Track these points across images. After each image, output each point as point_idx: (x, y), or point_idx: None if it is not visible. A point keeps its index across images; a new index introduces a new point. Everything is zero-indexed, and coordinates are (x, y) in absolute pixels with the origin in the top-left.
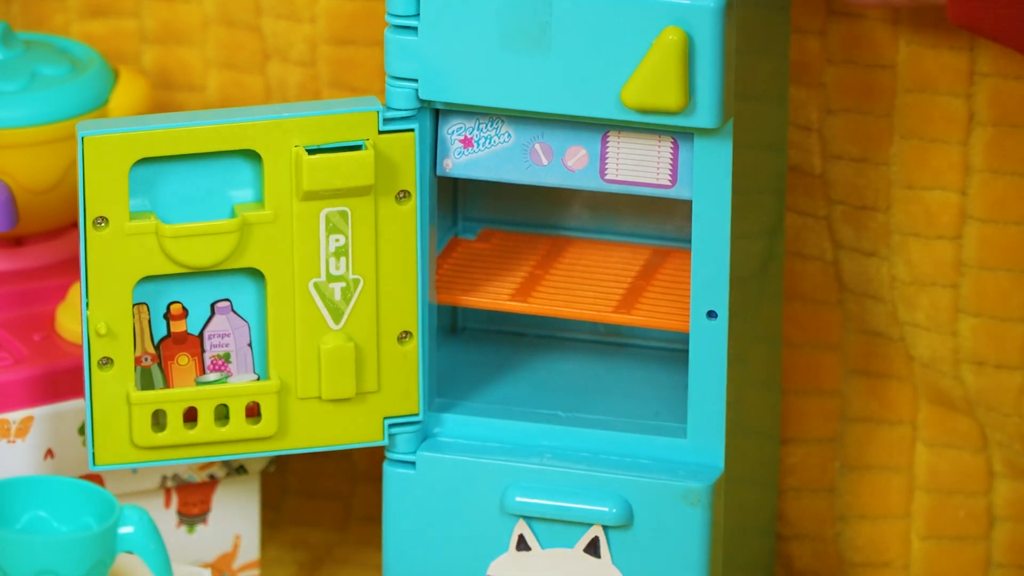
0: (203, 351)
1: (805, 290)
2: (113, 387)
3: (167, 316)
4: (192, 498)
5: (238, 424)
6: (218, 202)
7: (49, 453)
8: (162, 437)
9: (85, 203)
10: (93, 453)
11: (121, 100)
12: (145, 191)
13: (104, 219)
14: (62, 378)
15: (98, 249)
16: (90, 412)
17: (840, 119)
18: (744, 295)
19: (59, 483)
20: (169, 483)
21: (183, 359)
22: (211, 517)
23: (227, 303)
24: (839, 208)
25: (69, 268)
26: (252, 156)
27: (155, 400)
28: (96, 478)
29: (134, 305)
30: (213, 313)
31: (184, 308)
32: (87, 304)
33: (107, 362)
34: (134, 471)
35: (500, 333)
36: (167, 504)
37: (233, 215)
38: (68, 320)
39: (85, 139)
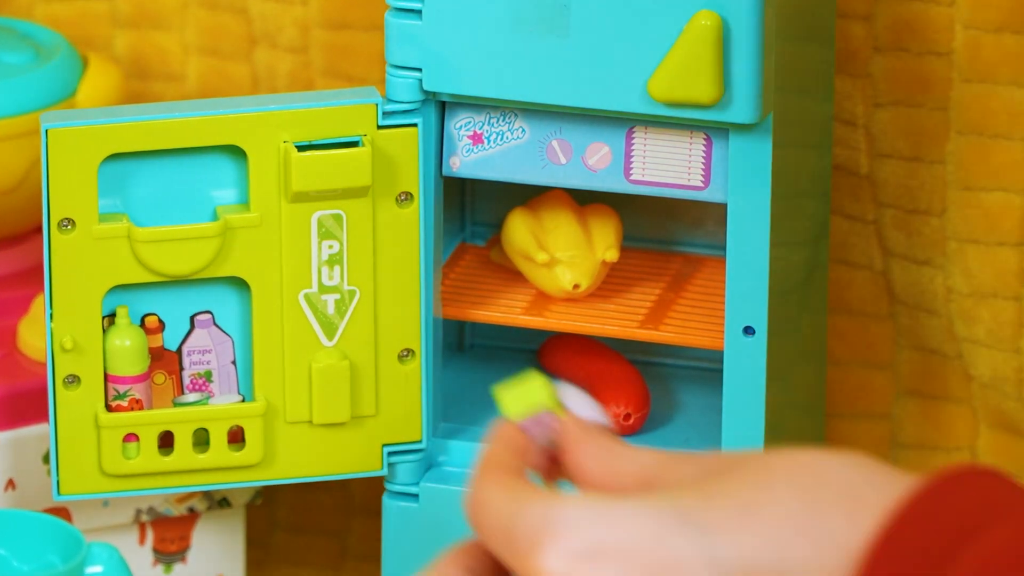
0: (181, 369)
1: (852, 303)
2: (80, 408)
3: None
4: (169, 534)
5: (220, 450)
6: (198, 203)
7: (10, 484)
8: (135, 464)
9: (49, 204)
10: (58, 482)
11: (90, 90)
12: (116, 190)
13: (70, 221)
14: (24, 400)
15: (64, 255)
16: (55, 436)
17: (889, 113)
18: (785, 309)
19: (20, 517)
20: (144, 517)
21: (159, 378)
22: (191, 555)
23: (208, 316)
24: (889, 212)
25: (32, 277)
26: (236, 153)
27: (127, 423)
28: (62, 511)
29: (104, 317)
30: (193, 327)
31: (160, 321)
32: (52, 316)
33: (74, 380)
34: (104, 503)
35: (512, 351)
36: (141, 541)
37: (215, 218)
38: (32, 335)
39: (50, 133)
